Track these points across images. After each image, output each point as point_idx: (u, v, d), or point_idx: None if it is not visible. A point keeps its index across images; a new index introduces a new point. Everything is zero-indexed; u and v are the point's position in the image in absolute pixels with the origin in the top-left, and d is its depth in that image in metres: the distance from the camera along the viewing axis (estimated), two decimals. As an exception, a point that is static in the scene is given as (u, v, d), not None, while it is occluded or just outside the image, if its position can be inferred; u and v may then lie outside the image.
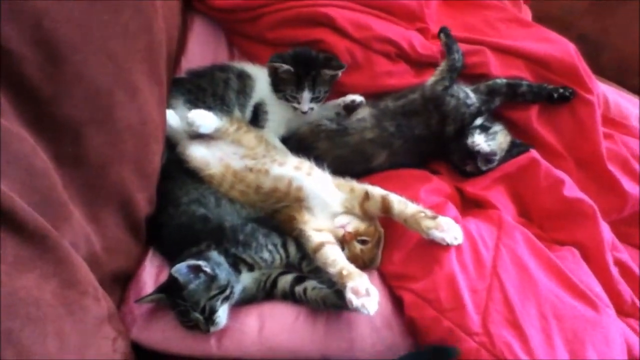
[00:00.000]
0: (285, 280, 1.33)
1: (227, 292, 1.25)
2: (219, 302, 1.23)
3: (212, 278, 1.24)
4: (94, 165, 1.17)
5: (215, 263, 1.28)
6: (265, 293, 1.33)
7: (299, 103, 1.61)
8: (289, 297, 1.32)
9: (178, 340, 1.27)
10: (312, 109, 1.62)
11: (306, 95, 1.59)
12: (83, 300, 1.04)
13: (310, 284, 1.30)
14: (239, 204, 1.48)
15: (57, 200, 1.05)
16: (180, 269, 1.21)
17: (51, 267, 0.97)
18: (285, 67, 1.55)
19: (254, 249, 1.34)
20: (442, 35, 1.68)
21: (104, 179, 1.21)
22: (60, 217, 1.05)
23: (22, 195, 0.94)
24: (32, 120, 1.02)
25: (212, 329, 1.23)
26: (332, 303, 1.26)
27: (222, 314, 1.24)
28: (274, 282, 1.33)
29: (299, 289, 1.30)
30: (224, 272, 1.27)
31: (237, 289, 1.29)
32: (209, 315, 1.22)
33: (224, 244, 1.34)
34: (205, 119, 1.50)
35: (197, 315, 1.22)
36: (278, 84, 1.62)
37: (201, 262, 1.23)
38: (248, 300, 1.33)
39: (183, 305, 1.22)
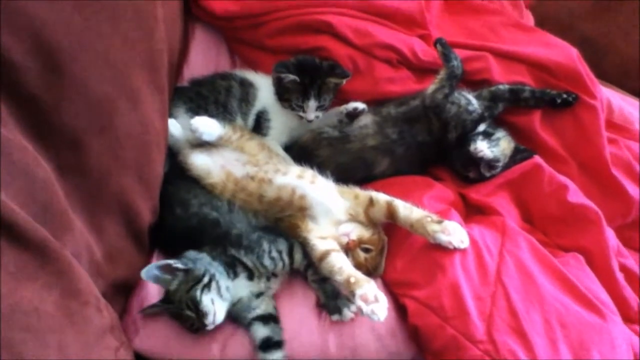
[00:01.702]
0: (256, 335, 1.29)
1: (205, 280, 1.24)
2: (198, 292, 1.22)
3: (188, 272, 1.25)
4: (95, 174, 1.17)
5: (190, 259, 1.28)
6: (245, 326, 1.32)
7: (304, 112, 1.61)
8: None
9: (181, 349, 1.27)
10: (317, 117, 1.62)
11: (312, 104, 1.59)
12: (85, 310, 1.03)
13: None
14: (251, 212, 1.47)
15: (59, 210, 1.05)
16: (149, 271, 1.22)
17: (52, 278, 0.97)
18: (292, 77, 1.55)
19: (257, 255, 1.34)
20: (438, 45, 1.66)
21: (105, 188, 1.21)
22: (61, 226, 1.05)
23: (23, 205, 0.94)
24: (33, 129, 1.02)
25: (206, 320, 1.21)
26: None
27: (209, 302, 1.22)
28: (250, 323, 1.31)
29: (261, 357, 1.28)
30: (199, 264, 1.27)
31: (227, 283, 1.28)
32: (196, 309, 1.21)
33: (225, 246, 1.35)
34: (208, 126, 1.50)
35: (188, 313, 1.22)
36: (282, 93, 1.62)
37: (170, 261, 1.24)
38: (234, 318, 1.32)
39: (173, 308, 1.23)
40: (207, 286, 1.24)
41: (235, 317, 1.31)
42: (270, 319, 1.31)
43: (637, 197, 1.61)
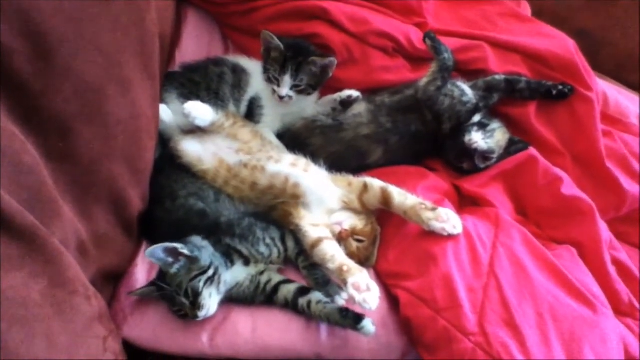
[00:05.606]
0: (288, 290, 1.31)
1: (210, 272, 1.24)
2: (201, 283, 1.22)
3: (192, 260, 1.24)
4: (84, 161, 1.15)
5: (196, 246, 1.27)
6: (265, 297, 1.32)
7: (278, 86, 1.58)
8: (290, 306, 1.30)
9: (170, 338, 1.27)
10: (290, 97, 1.59)
11: (287, 79, 1.56)
12: (73, 299, 1.02)
13: (314, 297, 1.28)
14: (238, 199, 1.47)
15: (47, 197, 1.03)
16: (155, 252, 1.21)
17: (40, 266, 0.96)
18: (277, 42, 1.54)
19: (251, 242, 1.34)
20: (427, 40, 1.63)
21: (95, 175, 1.19)
22: (50, 214, 1.03)
23: (10, 192, 0.93)
24: (22, 115, 1.00)
25: (200, 314, 1.21)
26: (336, 321, 1.25)
27: (207, 296, 1.23)
28: (275, 289, 1.31)
29: (302, 301, 1.28)
30: (205, 254, 1.27)
31: (226, 276, 1.28)
32: (194, 299, 1.21)
33: (218, 235, 1.34)
34: (201, 111, 1.48)
35: (183, 299, 1.21)
36: (267, 64, 1.60)
37: (177, 245, 1.23)
38: (243, 298, 1.32)
39: (169, 290, 1.22)
40: (211, 279, 1.24)
41: (241, 299, 1.32)
42: (290, 281, 1.33)
43: (630, 190, 1.60)
